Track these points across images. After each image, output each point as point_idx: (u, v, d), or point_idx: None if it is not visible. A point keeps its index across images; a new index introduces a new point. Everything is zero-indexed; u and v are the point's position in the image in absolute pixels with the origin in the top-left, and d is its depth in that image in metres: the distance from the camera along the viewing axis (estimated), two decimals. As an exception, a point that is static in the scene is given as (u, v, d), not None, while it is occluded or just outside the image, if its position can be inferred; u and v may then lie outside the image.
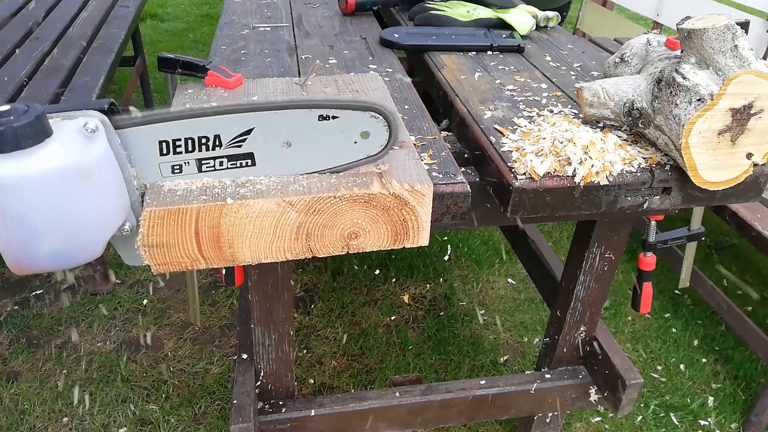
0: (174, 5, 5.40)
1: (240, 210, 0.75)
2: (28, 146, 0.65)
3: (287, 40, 1.43)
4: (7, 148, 0.64)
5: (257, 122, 0.77)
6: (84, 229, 0.71)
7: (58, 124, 0.69)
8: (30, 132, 0.65)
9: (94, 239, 0.72)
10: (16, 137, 0.64)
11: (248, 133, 0.78)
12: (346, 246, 0.81)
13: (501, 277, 2.31)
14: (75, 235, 0.70)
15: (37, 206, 0.66)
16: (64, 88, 1.89)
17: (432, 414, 1.36)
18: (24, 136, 0.64)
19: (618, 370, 1.31)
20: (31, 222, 0.67)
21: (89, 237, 0.72)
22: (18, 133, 0.64)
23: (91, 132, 0.69)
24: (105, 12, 2.71)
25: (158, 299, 2.09)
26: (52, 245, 0.69)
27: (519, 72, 1.27)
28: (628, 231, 1.23)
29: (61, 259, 0.71)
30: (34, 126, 0.65)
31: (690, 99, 0.83)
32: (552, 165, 0.88)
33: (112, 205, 0.72)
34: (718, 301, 1.87)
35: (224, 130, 0.77)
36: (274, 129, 0.78)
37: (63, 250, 0.70)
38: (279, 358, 1.25)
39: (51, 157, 0.66)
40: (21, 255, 0.69)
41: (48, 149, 0.66)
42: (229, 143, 0.78)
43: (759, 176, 0.92)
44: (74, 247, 0.71)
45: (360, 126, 0.80)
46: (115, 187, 0.73)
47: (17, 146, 0.64)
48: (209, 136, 0.77)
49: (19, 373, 1.80)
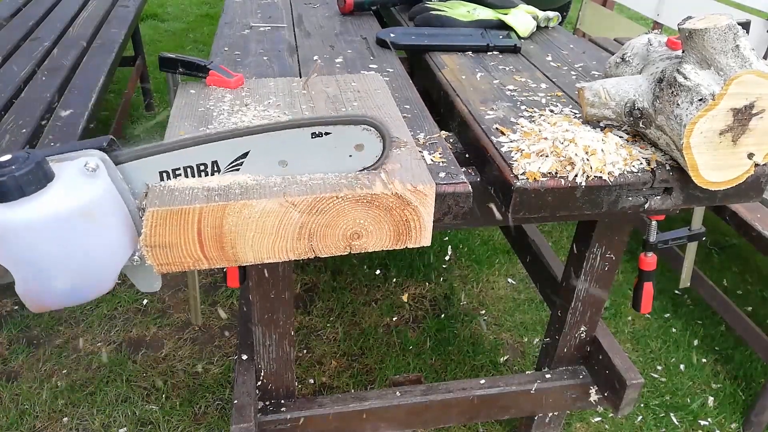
0: (174, 5, 5.40)
1: (243, 210, 0.75)
2: (32, 192, 0.67)
3: (288, 40, 1.43)
4: (12, 197, 0.66)
5: (252, 145, 0.79)
6: (94, 266, 0.73)
7: (59, 166, 0.71)
8: (32, 179, 0.67)
9: (105, 274, 0.74)
10: (18, 185, 0.66)
11: (244, 156, 0.80)
12: (348, 246, 0.81)
13: (501, 277, 2.31)
14: (86, 272, 0.73)
15: (45, 249, 0.68)
16: (64, 88, 1.89)
17: (432, 414, 1.36)
18: (27, 184, 0.67)
19: (618, 370, 1.31)
20: (42, 265, 0.69)
21: (100, 272, 0.74)
22: (20, 181, 0.66)
23: (92, 171, 0.71)
24: (105, 12, 2.71)
25: (158, 299, 2.08)
26: (64, 284, 0.72)
27: (519, 72, 1.27)
28: (629, 231, 1.23)
29: (75, 296, 0.74)
30: (35, 173, 0.67)
31: (691, 99, 0.84)
32: (553, 165, 0.88)
33: (119, 239, 0.74)
34: (718, 301, 1.87)
35: (221, 155, 0.79)
36: (268, 150, 0.80)
37: (75, 287, 0.73)
38: (279, 357, 1.25)
39: (54, 200, 0.68)
40: (37, 296, 0.72)
41: (51, 193, 0.68)
42: (226, 168, 0.80)
43: (760, 176, 0.92)
44: (86, 284, 0.74)
45: (353, 139, 0.82)
46: (120, 221, 0.74)
47: (21, 194, 0.66)
48: (207, 162, 0.79)
49: (19, 373, 1.80)
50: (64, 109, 1.72)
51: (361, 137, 0.81)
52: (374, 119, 0.82)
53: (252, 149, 0.79)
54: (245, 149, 0.79)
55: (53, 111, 1.71)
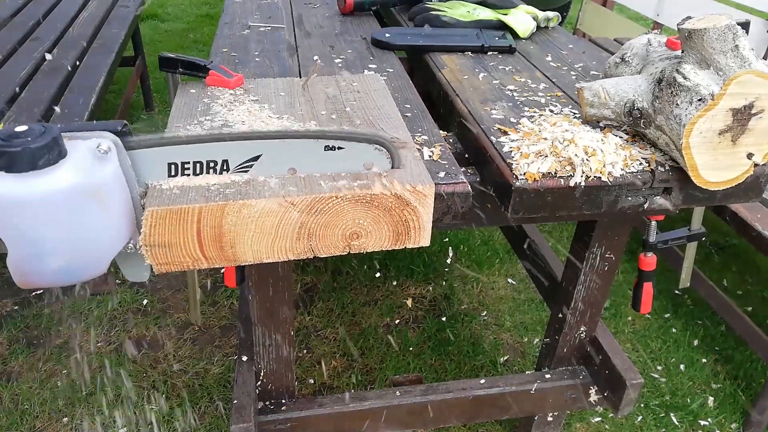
0: (174, 5, 5.40)
1: (242, 210, 0.75)
2: (43, 167, 0.66)
3: (288, 40, 1.43)
4: (23, 168, 0.65)
5: (265, 149, 0.79)
6: (91, 247, 0.72)
7: (71, 144, 0.70)
8: (46, 153, 0.66)
9: (101, 256, 0.74)
10: (32, 158, 0.65)
11: (255, 159, 0.79)
12: (347, 246, 0.81)
13: (501, 277, 2.31)
14: (82, 253, 0.72)
15: (48, 224, 0.68)
16: (64, 88, 1.89)
17: (432, 414, 1.36)
18: (40, 157, 0.66)
19: (618, 370, 1.31)
20: (41, 240, 0.68)
21: (96, 254, 0.73)
22: (34, 154, 0.65)
23: (104, 153, 0.71)
24: (105, 12, 2.71)
25: (158, 299, 2.09)
26: (59, 262, 0.71)
27: (519, 72, 1.27)
28: (629, 231, 1.23)
29: (66, 276, 0.73)
30: (50, 147, 0.66)
31: (691, 99, 0.84)
32: (553, 165, 0.88)
33: (119, 223, 0.74)
34: (718, 301, 1.87)
35: (232, 155, 0.79)
36: (281, 156, 0.80)
37: (69, 266, 0.72)
38: (279, 357, 1.25)
39: (64, 177, 0.67)
40: (29, 271, 0.71)
41: (62, 170, 0.67)
42: (236, 168, 0.80)
43: (759, 176, 0.92)
44: (80, 264, 0.73)
45: (364, 157, 0.82)
46: (123, 207, 0.74)
47: (33, 167, 0.66)
48: (217, 160, 0.79)
49: (19, 373, 1.80)
50: (64, 109, 1.72)
51: (372, 156, 0.82)
52: (387, 140, 0.83)
53: (265, 153, 0.79)
54: (258, 152, 0.79)
55: (53, 111, 1.71)
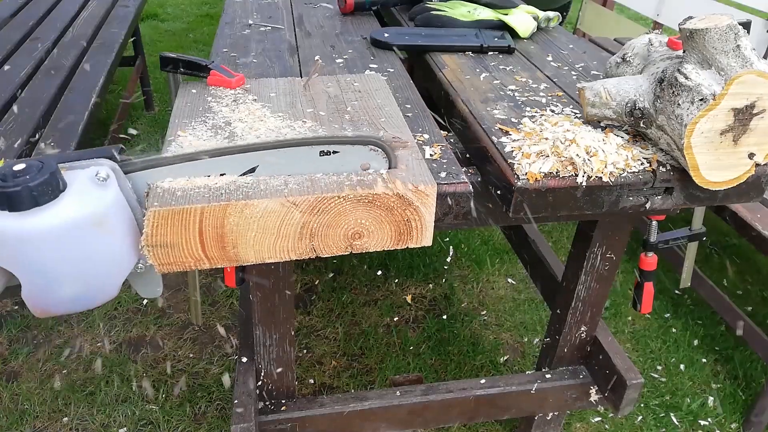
0: (174, 5, 5.40)
1: (244, 210, 0.75)
2: (45, 202, 0.67)
3: (288, 40, 1.43)
4: (25, 207, 0.66)
5: (261, 160, 0.80)
6: (101, 273, 0.73)
7: (70, 174, 0.71)
8: (45, 189, 0.67)
9: (111, 281, 0.75)
10: (32, 195, 0.66)
11: (252, 171, 0.81)
12: (349, 246, 0.81)
13: (501, 277, 2.31)
14: (93, 279, 0.73)
15: (55, 257, 0.69)
16: (64, 88, 1.89)
17: (432, 414, 1.36)
18: (41, 194, 0.67)
19: (618, 370, 1.31)
20: (50, 272, 0.70)
21: (106, 279, 0.74)
22: (34, 191, 0.66)
23: (103, 180, 0.71)
24: (105, 12, 2.71)
25: (158, 299, 2.08)
26: (71, 291, 0.72)
27: (520, 72, 1.27)
28: (629, 231, 1.23)
29: (80, 303, 0.74)
30: (49, 183, 0.67)
31: (692, 99, 0.84)
32: (554, 165, 0.88)
33: (126, 247, 0.75)
34: (718, 301, 1.87)
35: (230, 169, 0.80)
36: (277, 166, 0.81)
37: (82, 294, 0.73)
38: (280, 357, 1.25)
39: (67, 211, 0.68)
40: (42, 302, 0.73)
41: (63, 203, 0.68)
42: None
43: (761, 176, 0.92)
44: (92, 291, 0.74)
45: (360, 159, 0.83)
46: (128, 230, 0.75)
47: (35, 203, 0.67)
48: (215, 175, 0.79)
49: (19, 373, 1.80)
50: (63, 110, 1.72)
51: (368, 157, 0.83)
52: (382, 140, 0.84)
53: (261, 164, 0.81)
54: (254, 164, 0.81)
55: (53, 111, 1.71)
